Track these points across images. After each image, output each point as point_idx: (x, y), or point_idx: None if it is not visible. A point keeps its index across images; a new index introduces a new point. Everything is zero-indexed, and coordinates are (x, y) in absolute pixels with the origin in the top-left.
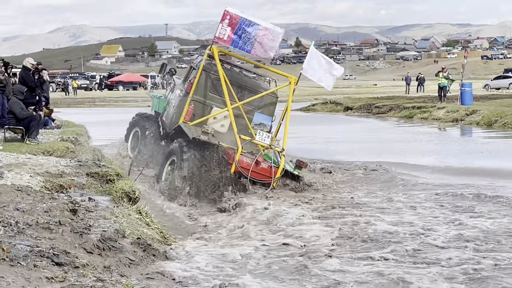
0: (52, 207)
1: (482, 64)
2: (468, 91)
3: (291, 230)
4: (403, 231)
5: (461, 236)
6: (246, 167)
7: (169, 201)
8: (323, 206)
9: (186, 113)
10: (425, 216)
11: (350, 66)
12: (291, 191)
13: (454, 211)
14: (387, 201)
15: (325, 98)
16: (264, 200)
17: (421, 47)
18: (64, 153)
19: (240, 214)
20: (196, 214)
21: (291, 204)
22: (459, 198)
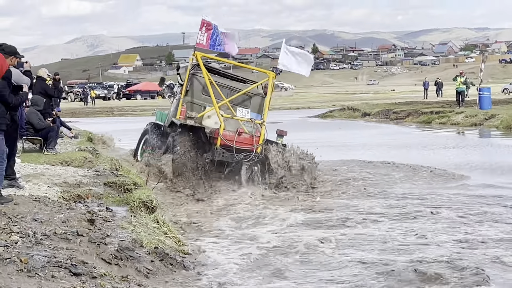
0: (70, 218)
1: (501, 68)
2: (487, 96)
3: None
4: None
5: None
6: (231, 139)
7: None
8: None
9: (180, 113)
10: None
11: (367, 72)
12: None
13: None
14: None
15: (343, 105)
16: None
17: (439, 52)
18: (82, 163)
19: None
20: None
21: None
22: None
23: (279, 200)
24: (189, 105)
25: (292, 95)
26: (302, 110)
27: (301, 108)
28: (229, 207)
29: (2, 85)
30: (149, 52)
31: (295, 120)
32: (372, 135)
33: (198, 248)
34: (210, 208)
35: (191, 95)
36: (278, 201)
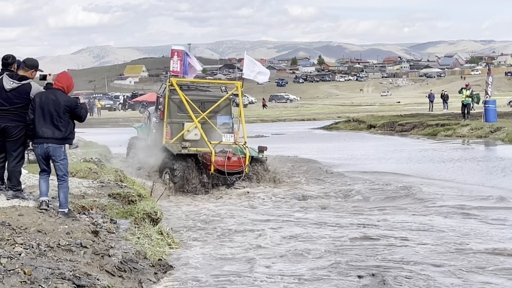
0: (74, 229)
1: (506, 81)
2: (492, 108)
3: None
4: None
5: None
6: (222, 164)
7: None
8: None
9: (166, 134)
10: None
11: (373, 84)
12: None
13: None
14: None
15: (348, 116)
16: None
17: (445, 64)
18: (87, 174)
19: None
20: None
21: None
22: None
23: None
24: (171, 125)
25: (298, 107)
26: (308, 122)
27: (306, 119)
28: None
29: (75, 102)
30: (155, 63)
31: (300, 131)
32: (375, 146)
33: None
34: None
35: (169, 115)
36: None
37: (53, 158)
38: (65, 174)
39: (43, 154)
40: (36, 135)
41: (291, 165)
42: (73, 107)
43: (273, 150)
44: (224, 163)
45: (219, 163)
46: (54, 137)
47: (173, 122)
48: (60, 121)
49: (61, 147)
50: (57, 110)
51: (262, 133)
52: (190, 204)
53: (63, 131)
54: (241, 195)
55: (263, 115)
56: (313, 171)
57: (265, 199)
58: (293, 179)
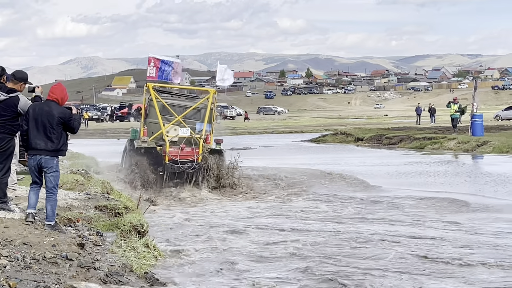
0: (60, 241)
1: (493, 95)
2: (479, 122)
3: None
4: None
5: None
6: (175, 154)
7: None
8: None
9: (143, 133)
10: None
11: (361, 97)
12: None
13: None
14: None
15: (336, 129)
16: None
17: (432, 78)
18: (74, 185)
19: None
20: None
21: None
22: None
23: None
24: (150, 125)
25: (285, 119)
26: (295, 134)
27: (294, 132)
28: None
29: (69, 114)
30: (144, 74)
31: (287, 144)
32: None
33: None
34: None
35: (150, 117)
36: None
37: (45, 169)
38: (55, 187)
39: (35, 166)
40: (29, 146)
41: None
42: (66, 119)
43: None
44: (177, 154)
45: (173, 153)
46: (46, 149)
47: (154, 122)
48: (53, 132)
49: (54, 159)
50: (51, 122)
51: (249, 145)
52: (176, 214)
53: (55, 143)
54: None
55: (250, 127)
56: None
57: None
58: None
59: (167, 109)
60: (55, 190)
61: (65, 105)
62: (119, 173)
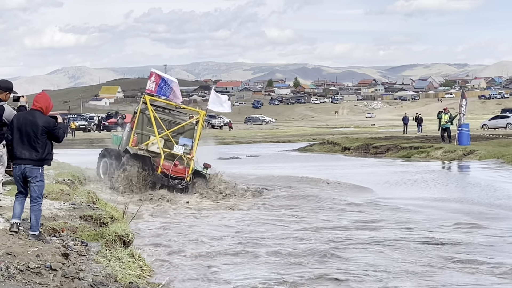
0: (44, 251)
1: (480, 104)
2: (465, 132)
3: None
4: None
5: None
6: (168, 168)
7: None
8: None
9: (132, 141)
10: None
11: (348, 106)
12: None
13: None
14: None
15: (323, 138)
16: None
17: (419, 87)
18: (59, 195)
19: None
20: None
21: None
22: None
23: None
24: (139, 135)
25: (273, 128)
26: (283, 144)
27: (281, 141)
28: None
29: (53, 123)
30: (131, 84)
31: (274, 153)
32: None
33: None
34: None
35: (140, 127)
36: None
37: (29, 179)
38: (39, 197)
39: (20, 175)
40: (14, 156)
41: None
42: (51, 128)
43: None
44: (169, 168)
45: (166, 167)
46: (31, 158)
47: (142, 134)
48: (37, 142)
49: (38, 168)
50: (35, 131)
51: (237, 154)
52: (161, 224)
53: (40, 152)
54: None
55: (238, 137)
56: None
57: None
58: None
59: (158, 123)
60: (40, 200)
61: (51, 114)
62: (104, 181)
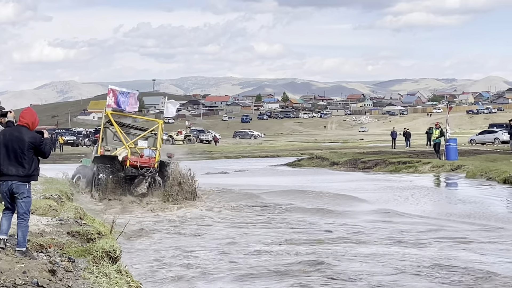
0: (31, 268)
1: (468, 119)
2: (453, 147)
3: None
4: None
5: None
6: (136, 160)
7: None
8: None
9: (100, 152)
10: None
11: (337, 121)
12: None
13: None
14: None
15: (312, 153)
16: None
17: (407, 102)
18: (46, 211)
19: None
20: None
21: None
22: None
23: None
24: (105, 148)
25: (262, 143)
26: (271, 158)
27: (270, 156)
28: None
29: (40, 138)
30: None
31: (262, 168)
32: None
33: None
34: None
35: (105, 141)
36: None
37: (16, 195)
38: (26, 213)
39: (7, 192)
40: (0, 172)
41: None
42: (37, 143)
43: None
44: (137, 160)
45: (134, 159)
46: (18, 175)
47: (107, 148)
48: (24, 158)
49: (25, 184)
50: (21, 147)
51: (225, 169)
52: (149, 241)
53: (27, 168)
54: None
55: (227, 151)
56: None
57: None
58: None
59: (122, 134)
60: (27, 216)
61: (38, 129)
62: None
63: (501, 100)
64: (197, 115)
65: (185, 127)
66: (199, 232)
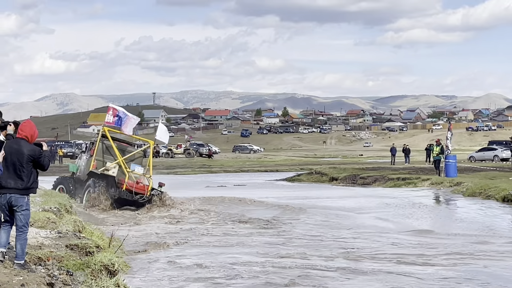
0: (29, 281)
1: (467, 136)
2: (452, 164)
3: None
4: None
5: None
6: (132, 185)
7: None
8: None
9: (92, 166)
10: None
11: (336, 136)
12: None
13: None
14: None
15: (311, 168)
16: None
17: (407, 118)
18: (45, 223)
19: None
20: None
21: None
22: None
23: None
24: (99, 161)
25: (261, 157)
26: (270, 173)
27: (269, 171)
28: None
29: (39, 151)
30: None
31: (261, 183)
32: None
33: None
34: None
35: (98, 154)
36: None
37: (15, 208)
38: (25, 225)
39: (6, 204)
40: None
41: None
42: (36, 156)
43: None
44: (133, 185)
45: (130, 184)
46: (16, 187)
47: (99, 160)
48: (22, 171)
49: (24, 197)
50: (20, 160)
51: (224, 183)
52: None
53: (25, 181)
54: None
55: (226, 166)
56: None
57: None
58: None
59: (114, 151)
60: (25, 229)
61: (37, 141)
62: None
63: (501, 117)
64: (196, 129)
65: (184, 141)
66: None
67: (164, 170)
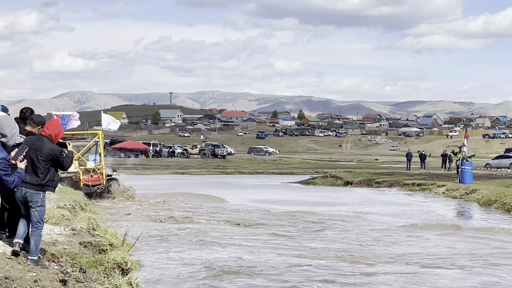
0: (42, 277)
1: (484, 143)
2: (468, 170)
3: None
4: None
5: None
6: (88, 179)
7: None
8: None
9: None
10: None
11: (352, 140)
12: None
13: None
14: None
15: (326, 172)
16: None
17: (423, 124)
18: (60, 220)
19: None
20: None
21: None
22: None
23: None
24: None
25: (276, 160)
26: (285, 176)
27: (284, 173)
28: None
29: (59, 151)
30: (136, 110)
31: (275, 185)
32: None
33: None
34: None
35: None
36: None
37: (30, 203)
38: (39, 222)
39: (22, 199)
40: None
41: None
42: (55, 155)
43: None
44: (89, 179)
45: (86, 179)
46: (31, 183)
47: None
48: (39, 167)
49: (39, 193)
50: (38, 157)
51: (238, 185)
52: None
53: (41, 178)
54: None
55: (241, 167)
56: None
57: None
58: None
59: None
60: (40, 225)
61: (62, 141)
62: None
63: None
64: (212, 130)
65: (200, 141)
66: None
67: (178, 170)
